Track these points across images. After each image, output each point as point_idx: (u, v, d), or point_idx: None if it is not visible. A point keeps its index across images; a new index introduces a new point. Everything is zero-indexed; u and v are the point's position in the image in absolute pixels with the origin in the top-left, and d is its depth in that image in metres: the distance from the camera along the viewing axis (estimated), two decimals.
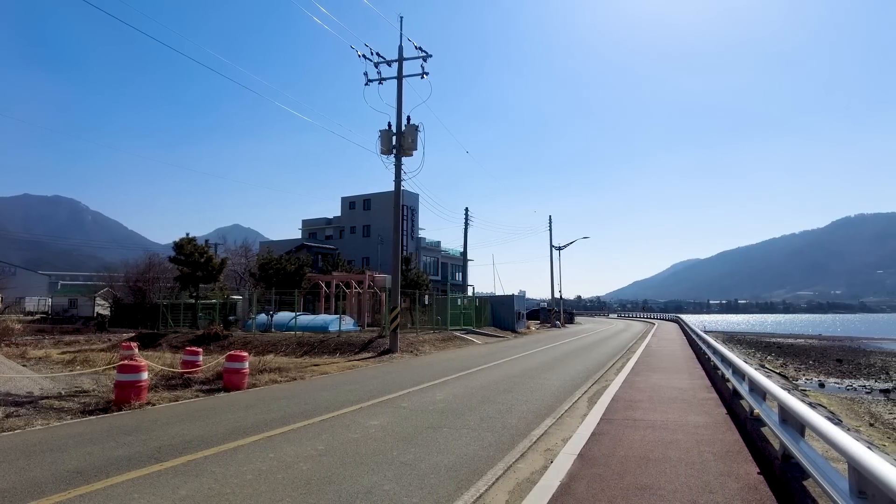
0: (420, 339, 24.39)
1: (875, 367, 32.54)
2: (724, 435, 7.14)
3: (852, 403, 19.69)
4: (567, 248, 60.83)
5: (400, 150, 22.12)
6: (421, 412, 9.03)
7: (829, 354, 40.09)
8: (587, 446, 6.61)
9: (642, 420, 8.16)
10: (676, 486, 5.08)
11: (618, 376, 13.57)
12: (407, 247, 57.25)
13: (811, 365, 33.22)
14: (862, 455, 2.91)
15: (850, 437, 3.20)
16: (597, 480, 5.27)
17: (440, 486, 5.27)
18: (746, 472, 5.48)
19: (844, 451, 3.14)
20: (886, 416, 17.59)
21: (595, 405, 9.49)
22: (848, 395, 22.03)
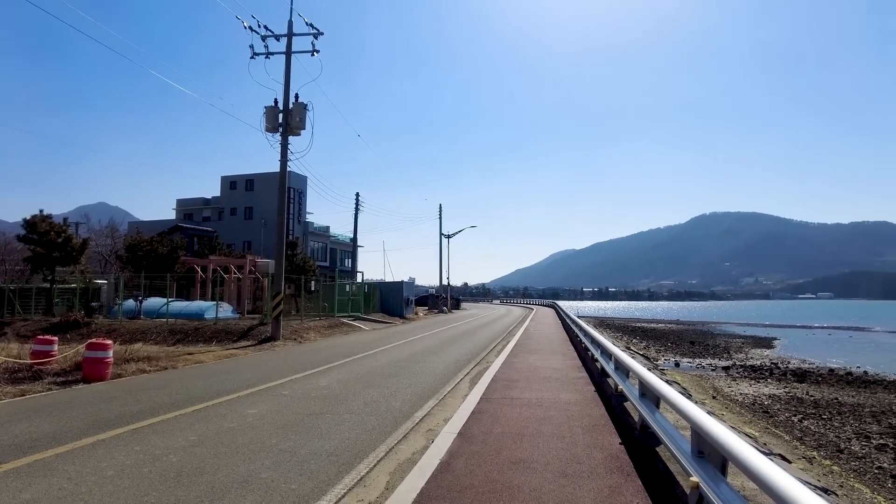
0: (305, 327, 23.78)
1: (719, 348, 36.80)
2: (592, 410, 7.73)
3: (700, 380, 22.13)
4: (455, 237, 62.17)
5: (287, 129, 21.24)
6: (303, 399, 8.84)
7: (684, 337, 44.71)
8: (467, 425, 6.85)
9: (519, 398, 8.61)
10: (548, 458, 5.43)
11: (498, 358, 14.16)
12: (293, 231, 55.35)
13: (669, 347, 36.84)
14: (701, 420, 3.28)
15: (694, 407, 3.60)
16: (475, 457, 5.49)
17: (320, 472, 5.21)
18: (610, 443, 5.99)
19: (688, 417, 3.52)
20: (726, 389, 19.98)
21: (476, 386, 9.85)
22: (698, 372, 24.73)
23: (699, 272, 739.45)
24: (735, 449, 2.68)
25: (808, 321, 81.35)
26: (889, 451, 12.35)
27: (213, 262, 33.98)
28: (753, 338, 47.49)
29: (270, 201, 49.36)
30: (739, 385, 20.96)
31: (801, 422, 14.99)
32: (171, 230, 48.07)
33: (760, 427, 14.15)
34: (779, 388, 20.54)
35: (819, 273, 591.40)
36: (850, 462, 11.49)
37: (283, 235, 21.81)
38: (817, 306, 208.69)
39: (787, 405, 17.21)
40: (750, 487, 3.63)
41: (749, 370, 25.44)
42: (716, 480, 3.06)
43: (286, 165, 21.63)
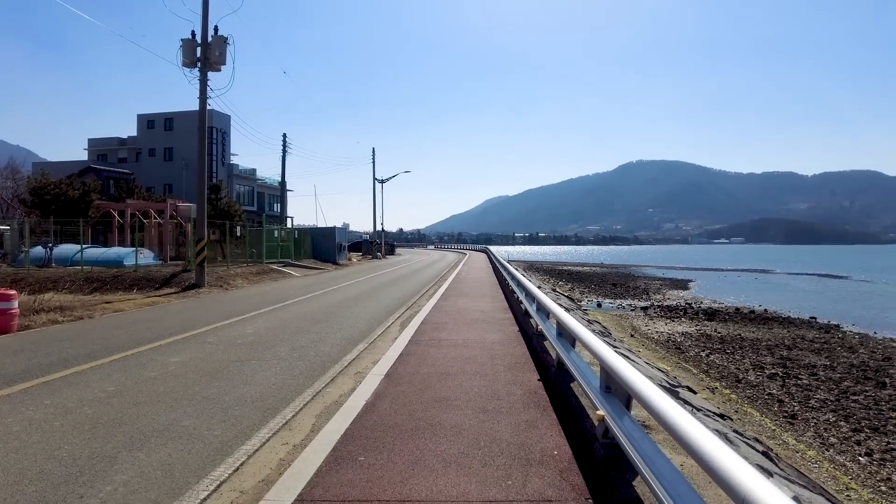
0: (232, 273, 23.12)
1: (639, 290, 38.96)
2: (514, 349, 8.07)
3: (620, 319, 23.47)
4: (390, 182, 61.35)
5: (206, 64, 19.86)
6: (228, 346, 8.69)
7: (607, 280, 46.93)
8: (394, 367, 7.00)
9: (447, 340, 8.85)
10: (470, 396, 5.66)
11: (429, 302, 14.40)
12: (217, 173, 52.80)
13: (593, 288, 38.64)
14: (608, 358, 3.48)
15: (604, 346, 3.81)
16: (400, 397, 5.64)
17: (245, 417, 5.20)
18: (529, 380, 6.30)
19: (598, 355, 3.73)
20: (643, 328, 21.31)
21: (405, 329, 10.02)
22: (618, 312, 26.18)
23: (624, 218, 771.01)
24: (636, 384, 2.88)
25: (721, 264, 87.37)
26: (778, 379, 13.71)
27: (131, 207, 32.02)
28: (671, 280, 50.55)
29: (192, 142, 46.38)
30: (656, 324, 22.41)
31: (708, 356, 16.31)
32: (82, 172, 44.64)
33: (672, 362, 15.30)
34: (691, 326, 22.13)
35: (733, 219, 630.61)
36: (746, 390, 12.68)
37: (204, 177, 20.76)
38: (730, 250, 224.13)
39: (697, 342, 18.63)
40: (645, 417, 3.94)
41: (665, 310, 27.18)
42: (620, 414, 3.29)
43: (206, 103, 20.35)
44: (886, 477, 8.13)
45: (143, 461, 4.12)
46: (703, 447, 1.95)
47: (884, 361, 16.20)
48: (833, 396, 12.24)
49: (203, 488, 3.69)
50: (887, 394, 12.61)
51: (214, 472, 3.97)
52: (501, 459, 3.98)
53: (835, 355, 16.78)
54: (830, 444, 9.41)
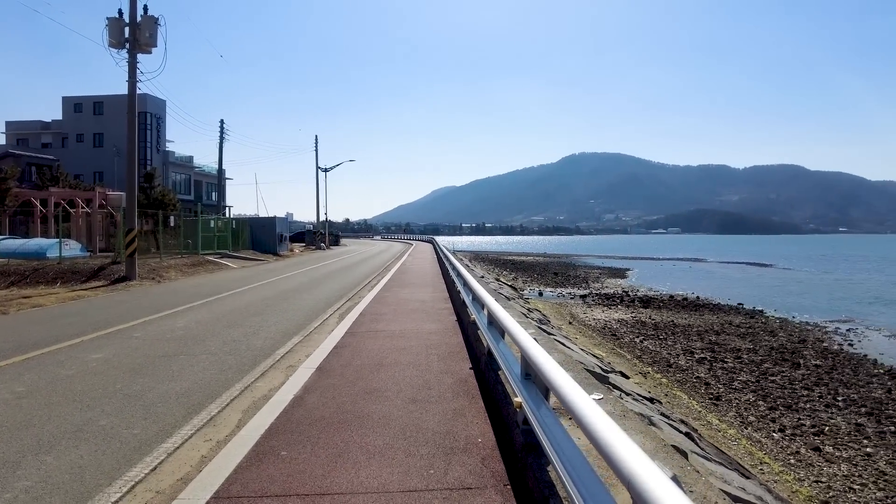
0: (165, 265, 22.21)
1: (579, 278, 40.02)
2: (450, 339, 8.12)
3: (560, 307, 24.05)
4: (335, 171, 60.41)
5: (135, 45, 18.85)
6: (156, 341, 8.35)
7: (549, 269, 47.95)
8: (327, 359, 6.91)
9: (384, 330, 8.81)
10: (401, 386, 5.66)
11: (370, 293, 14.30)
12: (151, 160, 50.45)
13: (535, 278, 39.40)
14: (528, 346, 3.55)
15: (524, 334, 3.88)
16: (330, 390, 5.58)
17: (168, 414, 5.02)
18: (461, 369, 6.36)
19: (518, 343, 3.80)
20: (582, 315, 21.91)
21: (343, 320, 9.90)
22: (559, 300, 26.82)
23: (567, 209, 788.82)
24: (549, 371, 2.94)
25: (658, 254, 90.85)
26: (706, 363, 14.43)
27: (55, 195, 30.16)
28: (610, 269, 52.19)
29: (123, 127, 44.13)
30: (594, 311, 23.10)
31: (642, 342, 16.95)
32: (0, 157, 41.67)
33: (608, 348, 15.82)
34: (627, 313, 22.93)
35: (670, 210, 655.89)
36: (676, 374, 13.27)
37: (134, 164, 19.78)
38: (666, 240, 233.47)
39: (632, 328, 19.33)
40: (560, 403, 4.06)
41: (603, 298, 28.04)
42: (537, 400, 3.36)
43: (135, 87, 19.35)
44: (795, 451, 8.72)
45: (51, 465, 3.91)
46: (598, 431, 2.02)
47: (799, 344, 17.32)
48: (754, 378, 13.00)
49: (115, 490, 3.54)
50: (801, 374, 13.49)
51: (130, 472, 3.82)
52: (426, 449, 4.00)
53: (758, 339, 17.79)
54: (749, 423, 9.99)
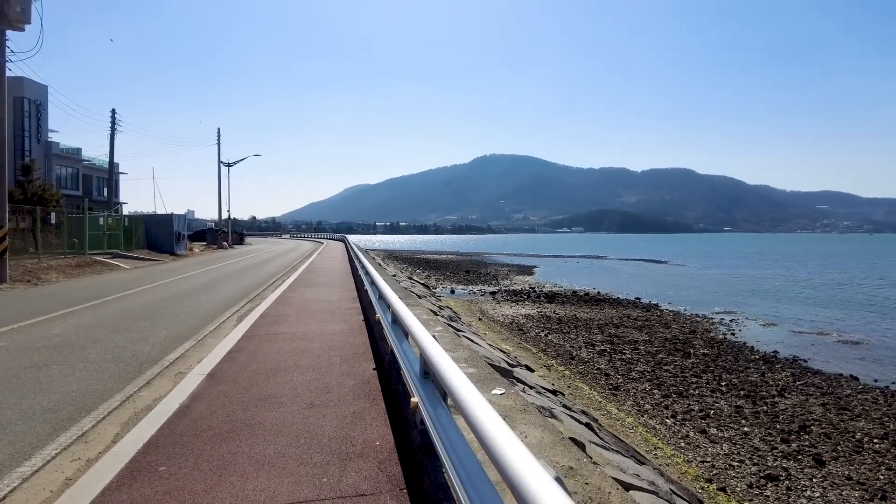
0: (44, 266, 20.16)
1: (490, 276, 40.83)
2: (355, 339, 7.88)
3: (471, 304, 24.36)
4: (240, 167, 57.68)
5: (2, 19, 16.90)
6: (25, 350, 7.47)
7: (461, 267, 48.58)
8: (220, 365, 6.46)
9: (284, 333, 8.40)
10: (299, 391, 5.37)
11: (274, 293, 13.69)
12: (30, 151, 45.64)
13: (448, 276, 39.74)
14: (426, 343, 3.44)
15: (423, 331, 3.77)
16: (220, 398, 5.18)
17: (29, 433, 4.45)
18: (364, 370, 6.16)
19: (417, 340, 3.68)
20: (491, 311, 22.30)
21: (242, 323, 9.36)
22: (470, 297, 27.17)
23: (479, 208, 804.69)
24: (444, 368, 2.85)
25: (563, 252, 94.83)
26: (606, 355, 15.11)
27: None
28: (518, 266, 53.73)
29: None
30: (502, 307, 23.61)
31: (547, 336, 17.50)
32: None
33: (515, 343, 16.19)
34: (533, 308, 23.62)
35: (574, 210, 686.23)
36: (578, 366, 13.79)
37: (4, 154, 17.73)
38: (571, 239, 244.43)
39: (538, 323, 19.93)
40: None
41: (511, 294, 28.75)
42: (434, 400, 3.26)
43: (4, 66, 17.35)
44: (685, 434, 9.29)
45: None
46: (485, 431, 1.95)
47: (690, 335, 18.62)
48: (650, 368, 13.77)
49: None
50: (691, 362, 14.48)
51: None
52: (320, 456, 3.79)
53: (653, 331, 18.91)
54: (645, 411, 10.54)
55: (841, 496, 7.15)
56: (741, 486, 7.34)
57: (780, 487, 7.32)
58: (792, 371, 13.92)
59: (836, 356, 16.26)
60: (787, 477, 7.63)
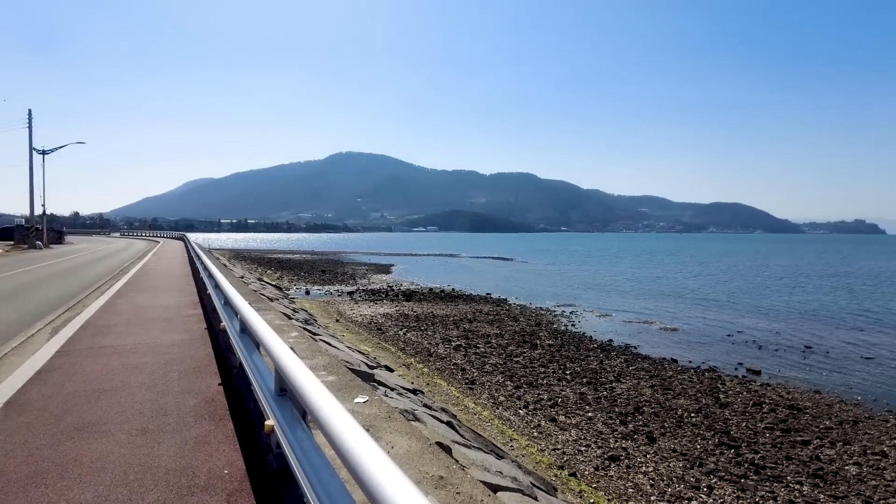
0: None
1: (347, 275, 40.09)
2: (197, 351, 7.06)
3: (327, 305, 23.63)
4: (60, 156, 50.07)
5: None
6: None
7: (317, 267, 47.11)
8: (24, 390, 5.34)
9: (111, 346, 7.29)
10: (128, 416, 4.60)
11: (99, 300, 11.97)
12: None
13: (303, 276, 38.26)
14: (281, 357, 3.08)
15: (277, 341, 3.39)
16: (21, 431, 4.24)
17: None
18: (208, 386, 5.49)
19: (271, 352, 3.29)
20: (349, 312, 21.81)
21: (56, 336, 7.97)
22: (326, 298, 26.35)
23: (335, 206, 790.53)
24: (304, 383, 2.53)
25: (419, 250, 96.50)
26: (462, 349, 15.47)
27: None
28: (376, 265, 53.50)
29: None
30: (360, 307, 23.22)
31: (406, 335, 17.50)
32: None
33: (374, 343, 15.94)
34: (392, 307, 23.55)
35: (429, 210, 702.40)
36: (436, 362, 13.93)
37: None
38: (426, 238, 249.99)
39: (397, 321, 19.88)
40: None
41: (370, 293, 28.45)
42: (292, 421, 2.92)
43: None
44: (537, 424, 9.76)
45: None
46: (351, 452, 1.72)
47: (536, 327, 19.79)
48: (502, 360, 14.34)
49: None
50: (538, 353, 15.35)
51: None
52: (155, 493, 3.22)
53: (503, 325, 19.80)
54: (500, 403, 10.91)
55: (669, 468, 7.94)
56: (589, 469, 7.84)
57: (622, 466, 7.94)
58: (625, 357, 15.38)
59: (660, 342, 18.32)
60: (626, 456, 8.32)
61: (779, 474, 7.82)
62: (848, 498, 7.17)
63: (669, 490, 7.20)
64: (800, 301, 30.35)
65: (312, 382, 2.52)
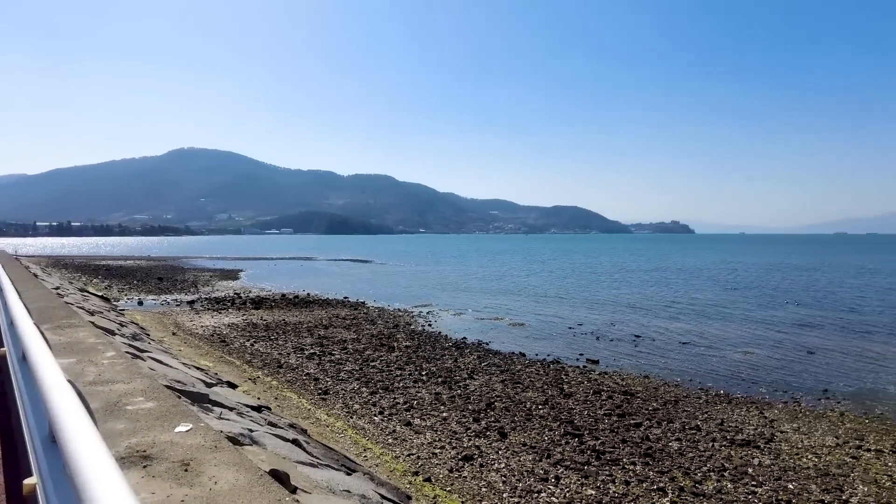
0: None
1: (188, 282, 36.84)
2: None
3: (163, 317, 21.38)
4: None
5: None
6: None
7: (153, 274, 42.73)
8: None
9: None
10: None
11: None
12: None
13: (136, 285, 34.39)
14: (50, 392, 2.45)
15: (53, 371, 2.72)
16: None
17: None
18: None
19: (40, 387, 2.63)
20: (188, 323, 19.91)
21: None
22: (163, 309, 23.86)
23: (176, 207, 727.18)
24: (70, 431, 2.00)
25: (271, 254, 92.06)
26: (315, 358, 14.77)
27: None
28: (222, 270, 49.91)
29: None
30: (202, 318, 21.33)
31: (253, 345, 16.33)
32: None
33: (216, 357, 14.62)
34: (238, 316, 21.96)
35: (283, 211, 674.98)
36: (287, 374, 13.12)
37: None
38: (280, 240, 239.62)
39: (244, 331, 18.52)
40: None
41: (214, 302, 26.32)
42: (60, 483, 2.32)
43: None
44: (392, 429, 9.52)
45: None
46: None
47: (394, 329, 19.64)
48: (358, 366, 13.92)
49: None
50: (395, 356, 15.17)
51: None
52: None
53: (361, 329, 19.37)
54: (354, 411, 10.50)
55: (520, 462, 8.15)
56: (443, 472, 7.76)
57: (475, 466, 7.98)
58: (478, 354, 15.79)
59: (509, 337, 19.13)
60: (479, 455, 8.39)
61: (616, 457, 8.39)
62: (671, 472, 7.88)
63: (521, 485, 7.36)
64: (627, 294, 33.77)
65: (75, 421, 2.00)
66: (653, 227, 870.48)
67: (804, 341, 18.49)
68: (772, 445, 9.09)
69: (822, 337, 19.39)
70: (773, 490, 7.38)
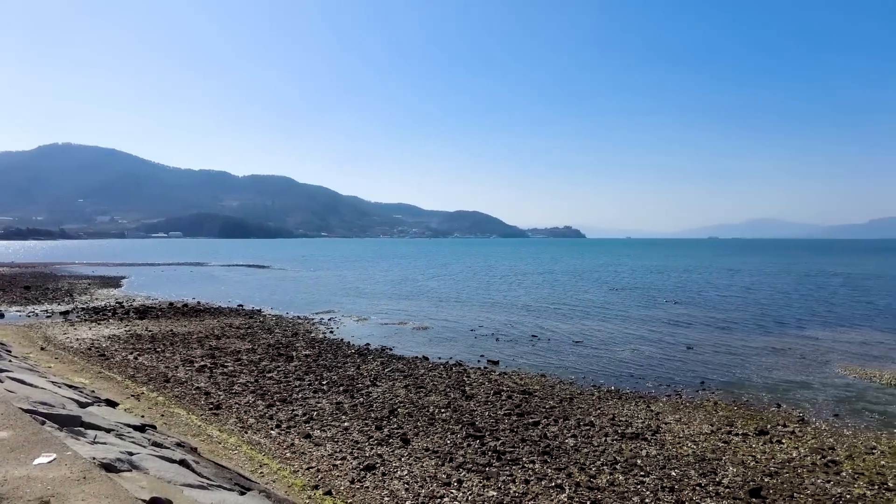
0: None
1: (62, 291, 33.45)
2: None
3: (30, 330, 19.23)
4: None
5: None
6: None
7: (18, 282, 38.36)
8: None
9: None
10: None
11: None
12: None
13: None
14: None
15: None
16: None
17: None
18: None
19: None
20: (61, 336, 18.05)
21: None
22: (29, 321, 21.46)
23: (47, 208, 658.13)
24: None
25: (158, 259, 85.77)
26: (206, 370, 13.89)
27: None
28: (102, 278, 45.78)
29: None
30: (78, 330, 19.41)
31: (137, 359, 15.09)
32: None
33: (94, 372, 13.35)
34: (120, 327, 20.24)
35: (172, 213, 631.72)
36: (175, 389, 12.23)
37: None
38: (168, 244, 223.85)
39: (126, 344, 17.07)
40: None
41: (91, 312, 24.10)
42: None
43: None
44: (290, 443, 9.14)
45: None
46: None
47: (293, 337, 18.96)
48: (253, 378, 13.26)
49: None
50: (294, 366, 14.63)
51: None
52: None
53: (256, 338, 18.51)
54: (249, 426, 9.97)
55: (423, 468, 8.13)
56: (344, 484, 7.56)
57: (377, 475, 7.85)
58: (381, 360, 15.62)
59: (413, 341, 19.14)
60: (382, 463, 8.27)
61: (516, 457, 8.61)
62: (568, 468, 8.22)
63: (423, 491, 7.33)
64: (523, 296, 35.05)
65: None
66: (547, 231, 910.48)
67: (683, 338, 20.11)
68: (658, 437, 9.77)
69: (698, 332, 21.20)
70: (659, 479, 7.92)
